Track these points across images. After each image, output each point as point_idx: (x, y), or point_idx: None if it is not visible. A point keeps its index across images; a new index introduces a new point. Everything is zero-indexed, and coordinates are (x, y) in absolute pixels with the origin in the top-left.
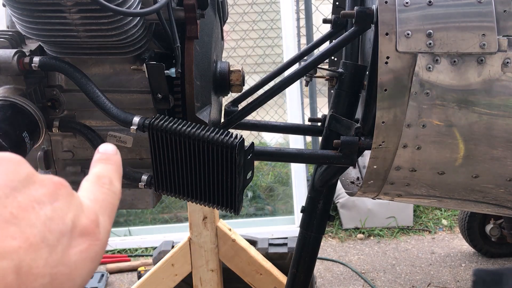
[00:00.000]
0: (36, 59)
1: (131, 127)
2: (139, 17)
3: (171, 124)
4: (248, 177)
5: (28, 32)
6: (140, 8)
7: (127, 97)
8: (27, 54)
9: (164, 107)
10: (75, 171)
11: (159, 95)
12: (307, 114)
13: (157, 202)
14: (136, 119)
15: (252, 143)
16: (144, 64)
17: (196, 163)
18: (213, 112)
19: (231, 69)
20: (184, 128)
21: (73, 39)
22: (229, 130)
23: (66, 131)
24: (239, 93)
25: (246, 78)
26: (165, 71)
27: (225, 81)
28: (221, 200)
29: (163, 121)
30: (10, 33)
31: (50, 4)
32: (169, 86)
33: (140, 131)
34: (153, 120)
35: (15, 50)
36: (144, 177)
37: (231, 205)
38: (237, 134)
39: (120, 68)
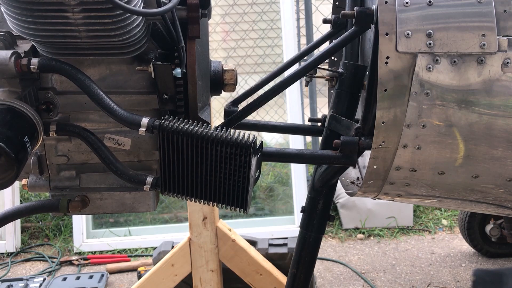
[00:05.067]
0: (34, 60)
1: (139, 129)
2: (141, 17)
3: (182, 125)
4: (256, 176)
5: (24, 32)
6: (142, 8)
7: (125, 99)
8: (22, 55)
9: (170, 107)
10: (70, 175)
11: (165, 96)
12: (307, 114)
13: (157, 204)
14: (145, 121)
15: (262, 142)
16: (151, 64)
17: (208, 164)
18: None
19: (224, 68)
20: (196, 128)
21: (73, 40)
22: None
23: (64, 134)
24: (233, 93)
25: (246, 78)
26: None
27: (219, 80)
28: (231, 200)
29: (173, 122)
30: (2, 33)
31: (53, 3)
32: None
33: (149, 133)
34: (163, 121)
35: (12, 51)
36: (149, 180)
37: (242, 204)
38: (249, 134)
39: (117, 69)
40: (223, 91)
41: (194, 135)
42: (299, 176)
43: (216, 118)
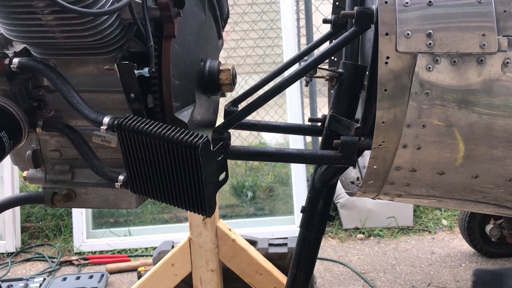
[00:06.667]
0: (15, 60)
1: (101, 127)
2: (114, 17)
3: (138, 124)
4: (221, 179)
5: (10, 34)
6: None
7: (109, 97)
8: (11, 55)
9: (137, 107)
10: (63, 170)
11: (132, 95)
12: (307, 114)
13: (141, 202)
14: (106, 119)
15: (223, 143)
16: (115, 64)
17: (162, 164)
18: (200, 112)
19: (220, 68)
20: (150, 128)
21: (51, 40)
22: (195, 131)
23: (50, 131)
24: (233, 93)
25: (246, 78)
26: (138, 71)
27: (214, 80)
28: (190, 202)
29: (131, 121)
30: None
31: (22, 6)
32: (147, 86)
33: (110, 131)
34: (121, 120)
35: None
36: (121, 177)
37: (201, 207)
38: (202, 135)
39: (104, 68)
40: (221, 91)
41: (147, 134)
42: (299, 176)
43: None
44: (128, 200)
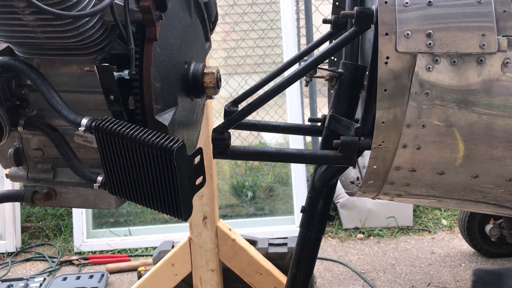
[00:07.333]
0: None
1: (79, 128)
2: (96, 19)
3: (116, 127)
4: (198, 183)
5: None
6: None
7: (92, 98)
8: None
9: (116, 108)
10: (45, 168)
11: (111, 97)
12: (307, 114)
13: (121, 203)
14: (84, 121)
15: (200, 148)
16: (95, 66)
17: (138, 167)
18: (183, 115)
19: (205, 71)
20: (127, 131)
21: (33, 40)
22: (172, 135)
23: (31, 130)
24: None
25: (246, 78)
26: (118, 73)
27: (198, 83)
28: (166, 206)
29: (108, 123)
30: None
31: (3, 6)
32: (128, 88)
33: (88, 132)
34: (99, 122)
35: None
36: (100, 178)
37: (176, 210)
38: (177, 139)
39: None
40: (206, 94)
41: (124, 137)
42: (299, 176)
43: (216, 118)
44: (107, 200)
